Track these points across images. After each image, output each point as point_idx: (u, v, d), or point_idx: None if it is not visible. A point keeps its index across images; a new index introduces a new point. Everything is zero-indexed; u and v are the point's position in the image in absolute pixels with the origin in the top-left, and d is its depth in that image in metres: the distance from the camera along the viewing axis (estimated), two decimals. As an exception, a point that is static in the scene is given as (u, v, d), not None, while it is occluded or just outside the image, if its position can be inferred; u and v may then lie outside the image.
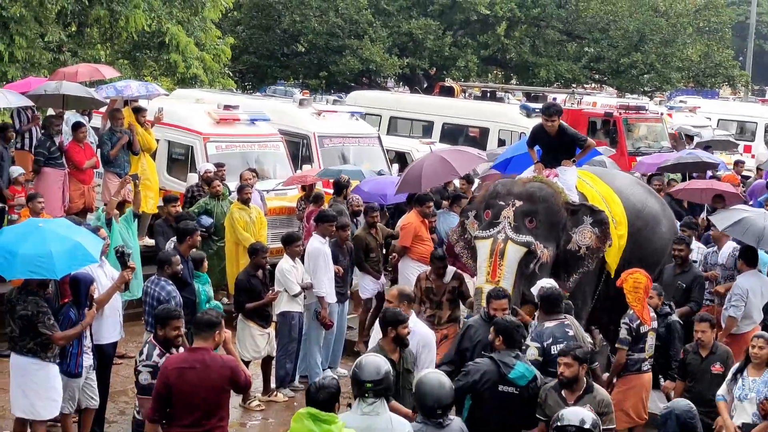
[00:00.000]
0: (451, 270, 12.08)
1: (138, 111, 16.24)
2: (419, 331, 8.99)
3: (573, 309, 9.93)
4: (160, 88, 18.25)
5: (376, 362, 7.12)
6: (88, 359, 9.87)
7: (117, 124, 15.68)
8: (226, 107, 17.92)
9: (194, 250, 11.74)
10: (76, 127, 15.49)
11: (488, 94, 30.46)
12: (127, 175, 15.18)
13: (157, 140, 16.74)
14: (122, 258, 10.36)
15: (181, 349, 8.34)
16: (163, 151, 17.25)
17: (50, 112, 17.08)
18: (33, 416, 9.45)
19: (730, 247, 12.76)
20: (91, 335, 9.97)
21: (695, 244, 13.14)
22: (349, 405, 7.28)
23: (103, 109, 16.69)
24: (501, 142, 23.07)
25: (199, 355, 7.72)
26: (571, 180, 11.46)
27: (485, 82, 42.35)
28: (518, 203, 10.80)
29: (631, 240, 11.57)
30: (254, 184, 15.01)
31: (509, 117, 23.99)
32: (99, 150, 15.80)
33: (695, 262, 12.81)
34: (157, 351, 8.35)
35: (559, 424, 6.77)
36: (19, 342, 9.34)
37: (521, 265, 10.57)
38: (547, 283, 9.76)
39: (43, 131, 15.46)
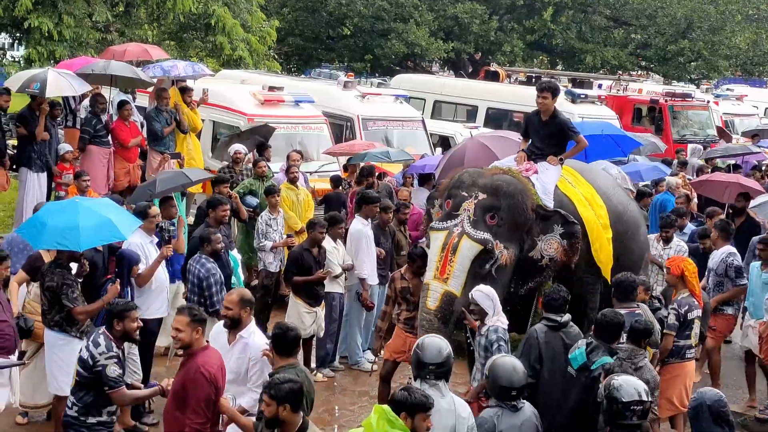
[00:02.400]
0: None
1: (184, 91, 16.33)
2: (254, 343, 8.06)
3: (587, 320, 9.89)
4: (206, 68, 18.34)
5: (438, 344, 7.17)
6: None
7: (163, 104, 15.78)
8: (271, 88, 17.96)
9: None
10: (122, 105, 15.63)
11: (533, 80, 30.34)
12: (166, 152, 15.35)
13: (202, 120, 16.84)
14: (166, 232, 10.43)
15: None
16: (207, 132, 17.34)
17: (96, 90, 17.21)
18: (58, 392, 9.45)
19: (723, 253, 12.16)
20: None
21: (675, 242, 12.80)
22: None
23: (150, 89, 16.82)
24: (545, 128, 22.95)
25: (215, 352, 7.61)
26: (549, 181, 10.32)
27: (531, 67, 42.17)
28: (482, 196, 9.80)
29: (614, 246, 10.52)
30: (300, 165, 15.05)
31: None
32: (145, 129, 15.92)
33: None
34: (114, 343, 7.88)
35: (624, 400, 6.72)
36: (47, 315, 9.45)
37: (475, 265, 9.58)
38: (484, 289, 8.97)
39: (89, 109, 15.60)
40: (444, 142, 20.62)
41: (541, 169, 10.37)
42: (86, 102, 16.22)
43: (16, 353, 9.13)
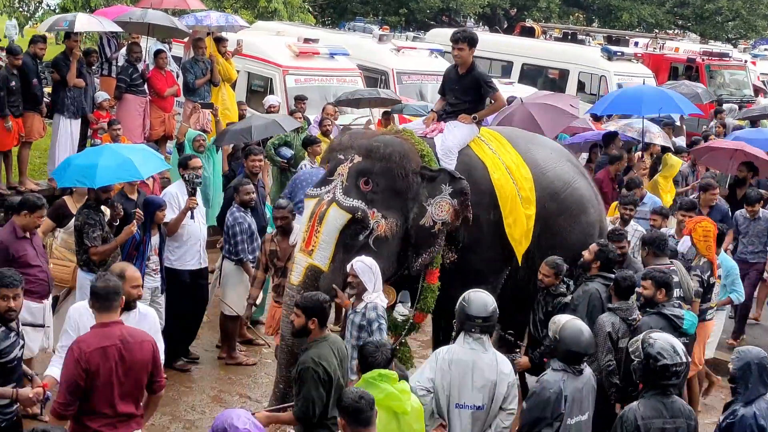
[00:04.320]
0: (298, 227, 9.66)
1: (219, 41, 16.35)
2: (148, 314, 7.41)
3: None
4: (239, 19, 18.33)
5: (483, 298, 7.18)
6: (152, 281, 10.04)
7: (199, 54, 15.81)
8: (306, 41, 17.99)
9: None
10: (157, 54, 15.67)
11: (569, 36, 30.17)
12: (196, 103, 15.40)
13: (237, 71, 16.86)
14: (190, 185, 10.50)
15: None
16: (242, 83, 17.40)
17: (132, 39, 17.26)
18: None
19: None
20: (160, 259, 10.15)
21: (632, 225, 11.06)
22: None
23: (186, 39, 16.85)
24: (580, 85, 22.88)
25: (116, 330, 6.43)
26: (454, 140, 9.18)
27: (566, 23, 41.87)
28: (357, 159, 8.71)
29: (541, 225, 9.38)
30: (337, 118, 15.06)
31: (590, 60, 23.76)
32: (181, 78, 15.97)
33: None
34: None
35: (666, 362, 6.53)
36: (77, 256, 9.70)
37: (345, 236, 8.50)
38: (366, 260, 8.09)
39: (126, 58, 15.67)
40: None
41: (447, 128, 9.27)
42: (123, 51, 16.28)
43: (50, 298, 9.28)
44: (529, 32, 30.52)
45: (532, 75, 24.45)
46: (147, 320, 7.24)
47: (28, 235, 8.92)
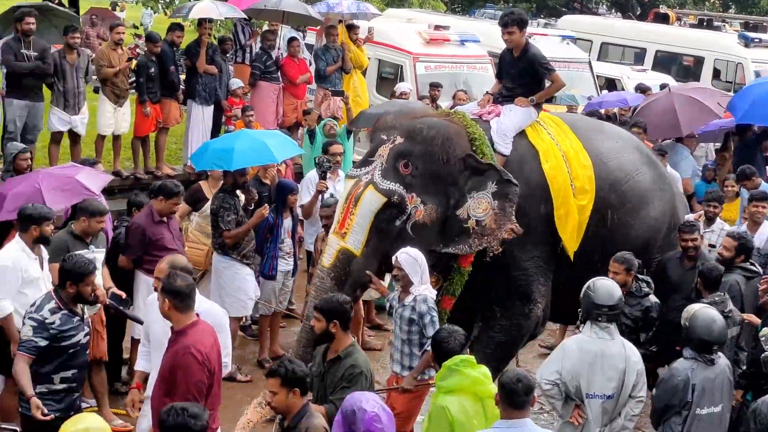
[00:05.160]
0: None
1: (351, 28, 16.47)
2: (210, 311, 7.10)
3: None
4: (371, 6, 18.44)
5: (610, 286, 7.15)
6: (285, 264, 10.20)
7: (331, 41, 15.97)
8: (437, 27, 17.98)
9: None
10: (290, 41, 15.87)
11: (704, 23, 29.49)
12: (327, 90, 15.57)
13: (368, 58, 16.98)
14: (320, 168, 10.62)
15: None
16: (373, 70, 17.49)
17: (266, 27, 17.52)
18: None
19: None
20: (294, 241, 10.30)
21: (718, 224, 10.37)
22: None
23: (318, 27, 17.02)
24: (716, 73, 22.35)
25: (207, 327, 6.49)
26: (510, 124, 8.80)
27: (701, 9, 40.97)
28: (399, 140, 8.35)
29: (598, 217, 8.93)
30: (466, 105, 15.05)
31: (726, 46, 23.12)
32: (313, 66, 16.15)
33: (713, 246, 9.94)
34: (51, 305, 6.90)
35: None
36: (212, 239, 9.96)
37: (380, 220, 8.18)
38: (411, 252, 7.74)
39: (260, 46, 15.91)
40: (611, 85, 20.27)
41: (504, 111, 8.91)
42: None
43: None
44: (663, 18, 29.97)
45: (665, 62, 23.93)
46: (210, 317, 6.85)
47: (165, 220, 9.16)
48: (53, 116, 13.16)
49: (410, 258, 7.67)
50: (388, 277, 8.71)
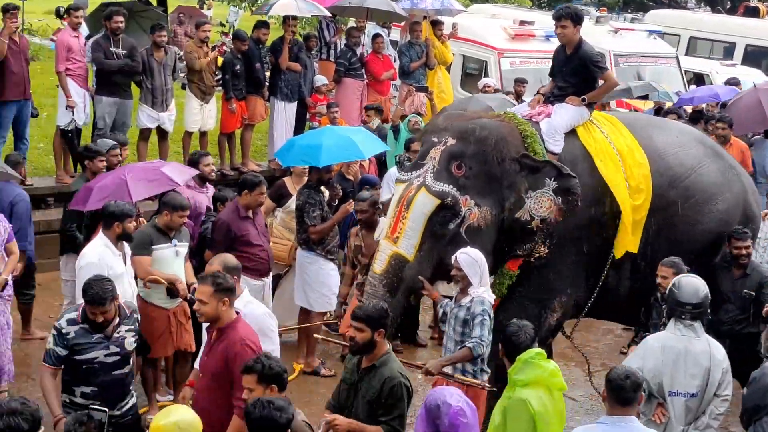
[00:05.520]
0: (384, 221, 8.81)
1: (435, 24, 16.47)
2: (254, 313, 6.95)
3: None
4: (455, 2, 18.41)
5: (695, 283, 7.07)
6: None
7: (415, 37, 15.98)
8: (522, 23, 17.91)
9: None
10: (375, 38, 15.92)
11: (797, 16, 28.90)
12: (411, 86, 15.58)
13: (453, 54, 16.95)
14: (400, 166, 10.64)
15: None
16: (457, 66, 17.47)
17: (351, 23, 17.58)
18: (309, 307, 10.06)
19: None
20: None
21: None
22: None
23: (403, 23, 17.04)
24: (807, 67, 21.90)
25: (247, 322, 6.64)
26: (561, 123, 8.55)
27: (794, 3, 40.14)
28: (450, 142, 8.13)
29: (659, 216, 8.63)
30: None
31: (818, 41, 22.72)
32: (397, 62, 16.17)
33: None
34: (71, 315, 6.74)
35: None
36: (297, 234, 10.04)
37: (433, 223, 7.95)
38: (471, 252, 7.54)
39: (345, 42, 15.97)
40: (699, 80, 19.98)
41: (555, 110, 8.65)
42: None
43: (270, 276, 9.60)
44: (753, 12, 29.38)
45: (755, 57, 23.50)
46: (252, 320, 6.77)
47: (251, 215, 9.25)
48: (141, 113, 13.36)
49: (470, 258, 7.49)
50: (440, 285, 8.58)
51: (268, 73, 15.01)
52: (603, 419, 5.69)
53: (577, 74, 8.73)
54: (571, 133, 8.60)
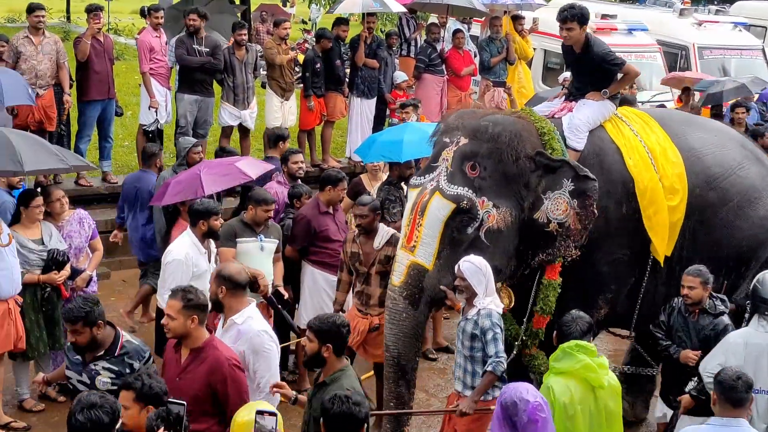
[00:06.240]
0: (386, 231, 8.61)
1: (516, 19, 16.40)
2: (250, 330, 6.46)
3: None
4: (535, -3, 18.31)
5: None
6: None
7: (495, 32, 15.92)
8: (604, 16, 17.73)
9: None
10: (455, 33, 15.87)
11: None
12: (491, 81, 15.52)
13: (534, 49, 16.85)
14: None
15: None
16: (538, 60, 17.36)
17: (431, 19, 17.57)
18: None
19: None
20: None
21: None
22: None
23: (483, 19, 16.98)
24: None
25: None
26: (584, 118, 8.09)
27: None
28: (463, 141, 7.62)
29: (695, 219, 8.16)
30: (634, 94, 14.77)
31: None
32: (478, 57, 16.11)
33: None
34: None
35: None
36: None
37: (450, 229, 7.46)
38: (475, 260, 7.09)
39: (425, 38, 15.97)
40: (786, 73, 19.60)
41: (577, 107, 8.20)
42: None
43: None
44: (844, 2, 28.70)
45: None
46: (246, 338, 6.46)
47: (331, 210, 9.29)
48: (223, 111, 13.51)
49: (474, 267, 7.06)
50: None
51: (348, 70, 15.07)
52: (713, 420, 5.63)
53: (594, 73, 8.32)
54: (598, 128, 8.21)
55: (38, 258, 8.61)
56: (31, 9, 12.05)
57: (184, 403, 5.01)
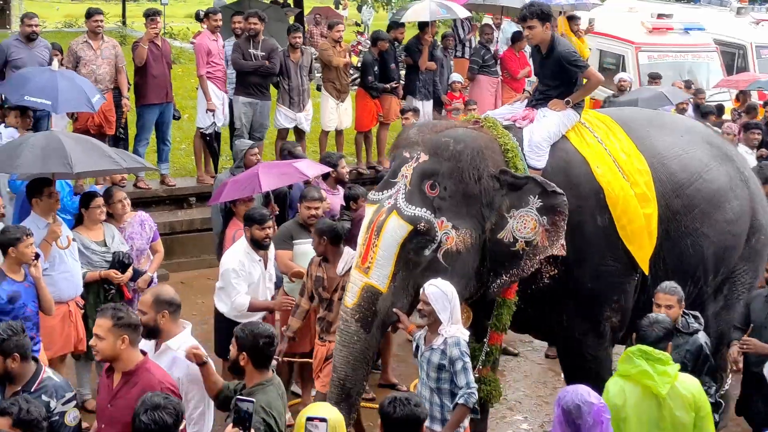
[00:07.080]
0: (350, 255, 7.96)
1: (572, 20, 16.29)
2: (184, 359, 5.97)
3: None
4: (591, -3, 18.24)
5: None
6: None
7: (549, 33, 15.86)
8: (660, 16, 17.68)
9: None
10: (514, 36, 15.84)
11: None
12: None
13: (590, 49, 16.77)
14: None
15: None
16: (594, 61, 17.28)
17: (485, 20, 17.56)
18: None
19: None
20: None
21: None
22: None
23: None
24: None
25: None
26: (545, 134, 7.67)
27: None
28: (423, 158, 7.18)
29: (662, 229, 7.77)
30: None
31: None
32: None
33: None
34: None
35: None
36: None
37: (407, 251, 7.04)
38: (440, 285, 6.70)
39: (478, 40, 15.96)
40: None
41: (537, 118, 7.80)
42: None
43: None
44: None
45: None
46: (183, 366, 6.00)
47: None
48: (279, 114, 13.58)
49: (439, 292, 6.66)
50: (416, 316, 7.49)
51: (402, 72, 15.09)
52: None
53: (557, 76, 7.94)
54: (562, 140, 7.80)
55: (101, 259, 8.67)
56: (90, 14, 12.20)
57: (254, 400, 5.04)
